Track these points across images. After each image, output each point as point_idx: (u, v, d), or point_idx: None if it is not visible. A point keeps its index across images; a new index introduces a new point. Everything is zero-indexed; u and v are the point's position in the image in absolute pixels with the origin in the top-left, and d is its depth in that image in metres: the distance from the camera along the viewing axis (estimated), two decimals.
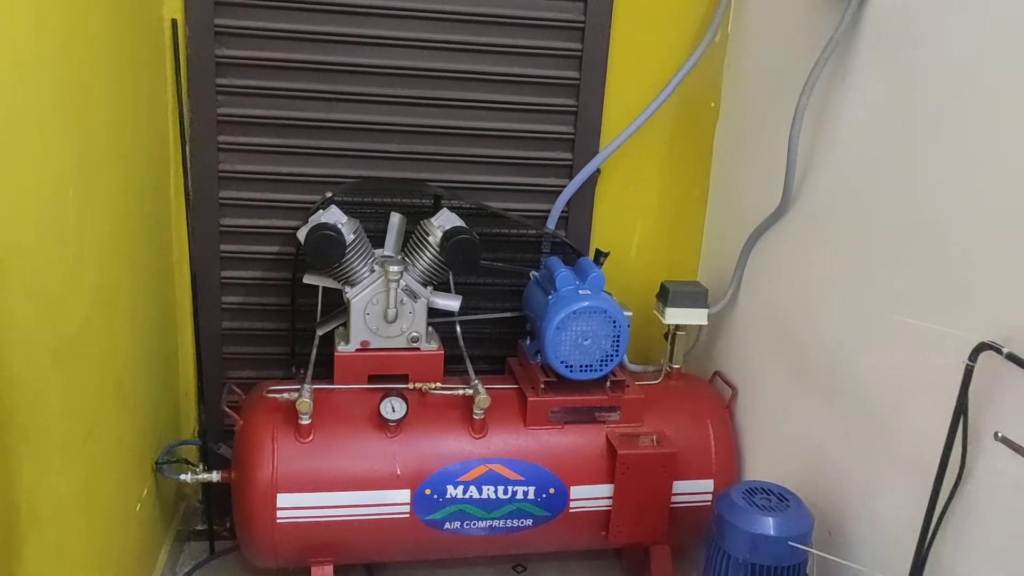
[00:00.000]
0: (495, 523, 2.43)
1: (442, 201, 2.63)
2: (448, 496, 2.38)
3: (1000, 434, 1.49)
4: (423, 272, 2.53)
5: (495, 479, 2.40)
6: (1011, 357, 1.54)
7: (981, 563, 1.66)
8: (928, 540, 1.74)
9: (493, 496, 2.41)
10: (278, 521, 2.29)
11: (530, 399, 2.47)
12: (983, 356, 1.61)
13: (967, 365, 1.63)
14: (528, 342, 2.65)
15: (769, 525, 1.95)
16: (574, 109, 2.74)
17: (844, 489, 2.08)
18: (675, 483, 2.45)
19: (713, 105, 2.82)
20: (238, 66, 2.55)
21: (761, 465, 2.50)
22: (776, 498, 2.04)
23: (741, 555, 1.96)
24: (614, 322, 2.42)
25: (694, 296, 2.61)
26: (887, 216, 1.95)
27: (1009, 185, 1.60)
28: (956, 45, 1.75)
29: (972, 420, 1.65)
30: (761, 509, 1.99)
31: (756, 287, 2.57)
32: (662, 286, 2.64)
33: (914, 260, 1.85)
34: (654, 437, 2.46)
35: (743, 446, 2.60)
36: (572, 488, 2.45)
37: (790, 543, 1.92)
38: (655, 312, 2.68)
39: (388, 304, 2.45)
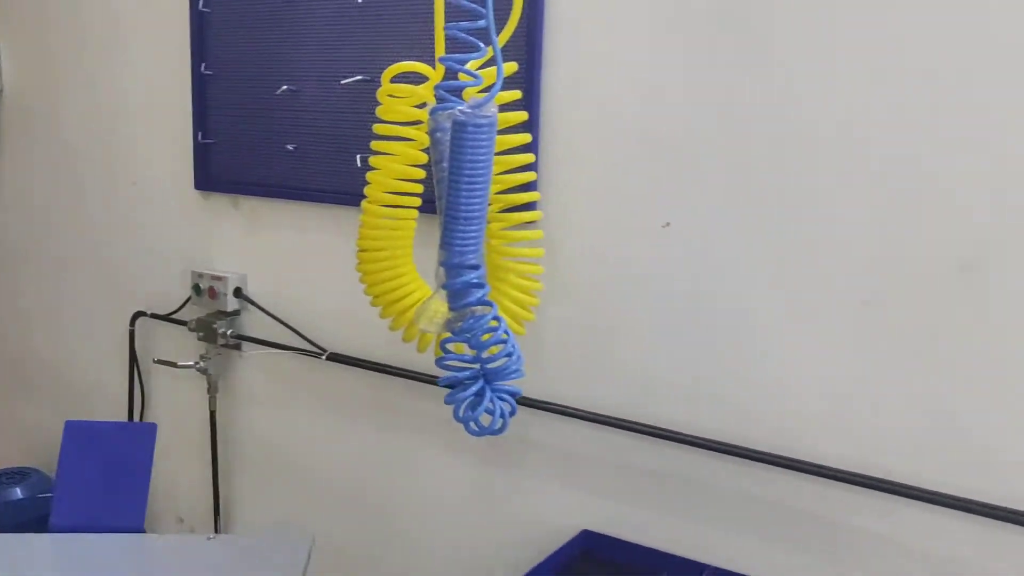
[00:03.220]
0: None
1: None
2: None
3: (155, 358, 2.37)
4: None
5: None
6: (154, 315, 2.44)
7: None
8: None
9: None
10: None
11: None
12: (139, 320, 2.48)
13: (130, 329, 2.48)
14: None
15: (17, 492, 2.50)
16: None
17: None
18: None
19: None
20: None
21: None
22: (19, 475, 2.59)
23: None
24: None
25: None
26: (57, 241, 2.67)
27: None
28: (66, 125, 2.58)
29: (143, 362, 2.50)
30: (8, 484, 2.52)
31: None
32: None
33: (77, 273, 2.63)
34: None
35: None
36: None
37: (37, 496, 2.51)
38: None
39: None
